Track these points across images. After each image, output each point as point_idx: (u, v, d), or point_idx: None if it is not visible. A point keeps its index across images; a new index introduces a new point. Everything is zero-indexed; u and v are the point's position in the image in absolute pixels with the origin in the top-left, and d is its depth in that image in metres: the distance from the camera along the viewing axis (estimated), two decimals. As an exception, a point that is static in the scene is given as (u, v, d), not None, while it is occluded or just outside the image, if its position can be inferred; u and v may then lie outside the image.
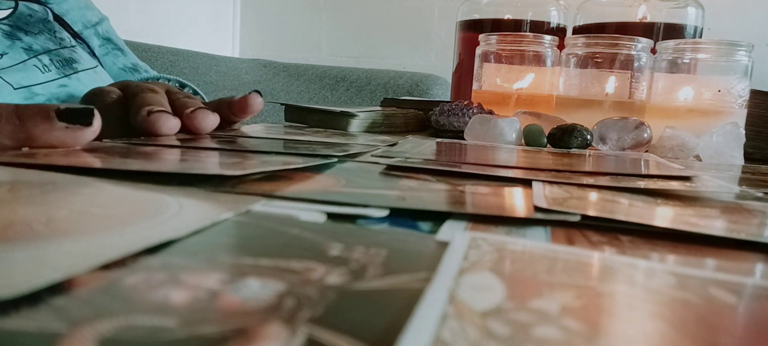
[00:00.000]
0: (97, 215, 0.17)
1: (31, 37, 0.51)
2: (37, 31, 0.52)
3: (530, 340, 0.10)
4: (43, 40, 0.52)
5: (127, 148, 0.31)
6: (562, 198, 0.23)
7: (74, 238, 0.14)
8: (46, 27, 0.54)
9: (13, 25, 0.50)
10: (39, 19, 0.54)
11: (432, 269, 0.14)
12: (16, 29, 0.50)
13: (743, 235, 0.19)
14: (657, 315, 0.12)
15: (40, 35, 0.52)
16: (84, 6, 0.62)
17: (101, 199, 0.19)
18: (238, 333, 0.10)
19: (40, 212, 0.16)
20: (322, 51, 1.61)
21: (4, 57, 0.47)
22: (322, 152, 0.33)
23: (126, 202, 0.19)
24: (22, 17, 0.52)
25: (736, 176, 0.37)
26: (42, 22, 0.54)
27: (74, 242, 0.14)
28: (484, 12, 0.72)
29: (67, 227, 0.15)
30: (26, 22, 0.52)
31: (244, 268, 0.13)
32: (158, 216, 0.17)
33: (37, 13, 0.54)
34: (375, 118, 0.55)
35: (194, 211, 0.18)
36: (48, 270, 0.12)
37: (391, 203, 0.21)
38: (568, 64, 0.55)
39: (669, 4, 0.65)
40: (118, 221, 0.16)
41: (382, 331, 0.10)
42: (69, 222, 0.16)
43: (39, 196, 0.19)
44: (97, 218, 0.16)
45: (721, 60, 0.50)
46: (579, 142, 0.44)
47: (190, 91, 0.54)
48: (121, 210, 0.18)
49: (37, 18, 0.53)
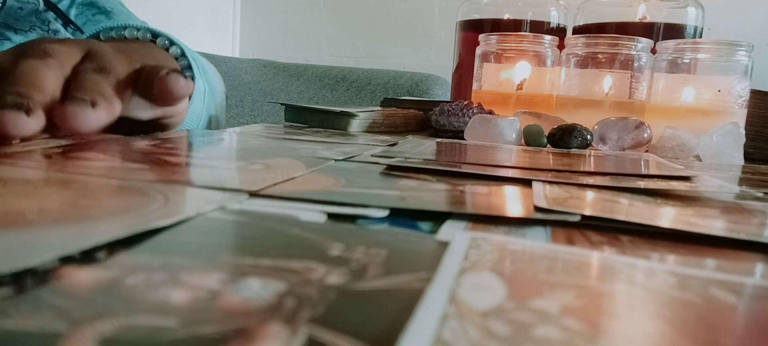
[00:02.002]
0: (88, 206, 0.17)
1: (21, 36, 0.48)
2: (28, 27, 0.49)
3: (531, 340, 0.10)
4: (34, 37, 0.49)
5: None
6: (562, 198, 0.23)
7: (65, 225, 0.15)
8: (39, 19, 0.50)
9: (2, 23, 0.48)
10: (30, 11, 0.50)
11: (432, 269, 0.14)
12: (5, 28, 0.48)
13: (743, 235, 0.19)
14: (657, 315, 0.12)
15: (32, 32, 0.49)
16: None
17: (91, 193, 0.19)
18: (238, 333, 0.10)
19: (33, 204, 0.16)
20: (322, 51, 1.61)
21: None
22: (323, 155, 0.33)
23: (115, 195, 0.19)
24: (12, 12, 0.49)
25: (736, 176, 0.37)
26: (34, 15, 0.50)
27: (65, 229, 0.15)
28: (484, 12, 0.72)
29: (58, 216, 0.16)
30: (16, 17, 0.49)
31: (244, 268, 0.13)
32: (145, 207, 0.18)
33: (28, 4, 0.50)
34: (375, 118, 0.55)
35: (181, 203, 0.19)
36: (40, 251, 0.13)
37: (391, 203, 0.21)
38: (568, 64, 0.55)
39: (669, 4, 0.65)
40: (106, 211, 0.17)
41: (382, 331, 0.10)
42: (61, 212, 0.16)
43: (32, 190, 0.19)
44: (87, 208, 0.17)
45: (721, 60, 0.50)
46: (579, 142, 0.44)
47: (178, 50, 0.43)
48: (111, 202, 0.18)
49: (28, 10, 0.50)
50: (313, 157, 0.31)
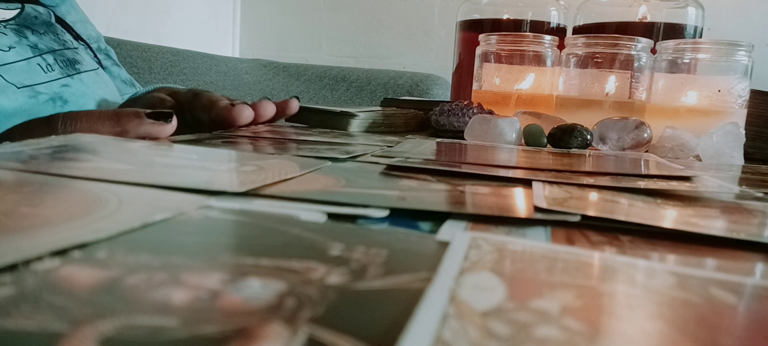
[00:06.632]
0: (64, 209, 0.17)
1: (36, 37, 0.53)
2: (42, 31, 0.54)
3: (531, 340, 0.10)
4: (47, 40, 0.53)
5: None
6: (562, 198, 0.23)
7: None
8: (50, 29, 0.55)
9: (20, 24, 0.52)
10: (43, 21, 0.55)
11: (432, 269, 0.14)
12: (24, 27, 0.52)
13: (743, 235, 0.19)
14: (657, 315, 0.12)
15: (45, 35, 0.54)
16: (86, 19, 0.64)
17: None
18: (238, 333, 0.10)
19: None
20: (322, 51, 1.61)
21: (12, 50, 0.49)
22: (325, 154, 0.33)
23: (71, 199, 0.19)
24: (29, 18, 0.54)
25: (736, 176, 0.37)
26: (46, 24, 0.55)
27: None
28: (484, 12, 0.72)
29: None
30: (32, 22, 0.54)
31: (245, 268, 0.13)
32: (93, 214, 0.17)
33: (41, 15, 0.56)
34: (375, 118, 0.55)
35: (133, 207, 0.18)
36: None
37: (392, 203, 0.21)
38: (568, 64, 0.55)
39: (669, 4, 0.65)
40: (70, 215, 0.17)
41: (382, 331, 0.10)
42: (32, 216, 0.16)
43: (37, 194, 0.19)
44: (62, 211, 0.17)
45: (721, 60, 0.50)
46: (579, 142, 0.44)
47: None
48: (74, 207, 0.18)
49: (41, 20, 0.55)
50: (313, 158, 0.31)
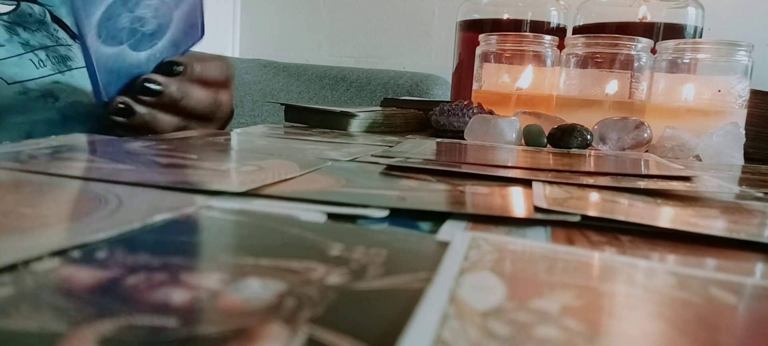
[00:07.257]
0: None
1: (28, 34, 0.53)
2: (34, 28, 0.54)
3: (531, 340, 0.10)
4: (40, 37, 0.53)
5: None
6: (562, 198, 0.23)
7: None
8: (43, 26, 0.55)
9: (12, 21, 0.52)
10: (37, 19, 0.55)
11: (432, 269, 0.14)
12: (15, 25, 0.52)
13: (743, 235, 0.19)
14: (657, 315, 0.12)
15: (38, 32, 0.54)
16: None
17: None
18: (238, 333, 0.10)
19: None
20: (322, 51, 1.61)
21: (2, 48, 0.48)
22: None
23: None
24: (23, 15, 0.54)
25: (736, 176, 0.37)
26: (39, 22, 0.55)
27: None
28: (484, 12, 0.72)
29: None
30: (25, 20, 0.54)
31: (244, 268, 0.13)
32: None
33: (36, 13, 0.56)
34: (375, 118, 0.55)
35: (133, 207, 0.18)
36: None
37: (391, 203, 0.21)
38: (568, 64, 0.55)
39: (669, 4, 0.65)
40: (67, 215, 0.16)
41: (382, 331, 0.10)
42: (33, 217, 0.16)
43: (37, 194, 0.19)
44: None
45: (721, 60, 0.50)
46: (579, 142, 0.44)
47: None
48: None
49: (35, 18, 0.55)
50: (313, 158, 0.31)
